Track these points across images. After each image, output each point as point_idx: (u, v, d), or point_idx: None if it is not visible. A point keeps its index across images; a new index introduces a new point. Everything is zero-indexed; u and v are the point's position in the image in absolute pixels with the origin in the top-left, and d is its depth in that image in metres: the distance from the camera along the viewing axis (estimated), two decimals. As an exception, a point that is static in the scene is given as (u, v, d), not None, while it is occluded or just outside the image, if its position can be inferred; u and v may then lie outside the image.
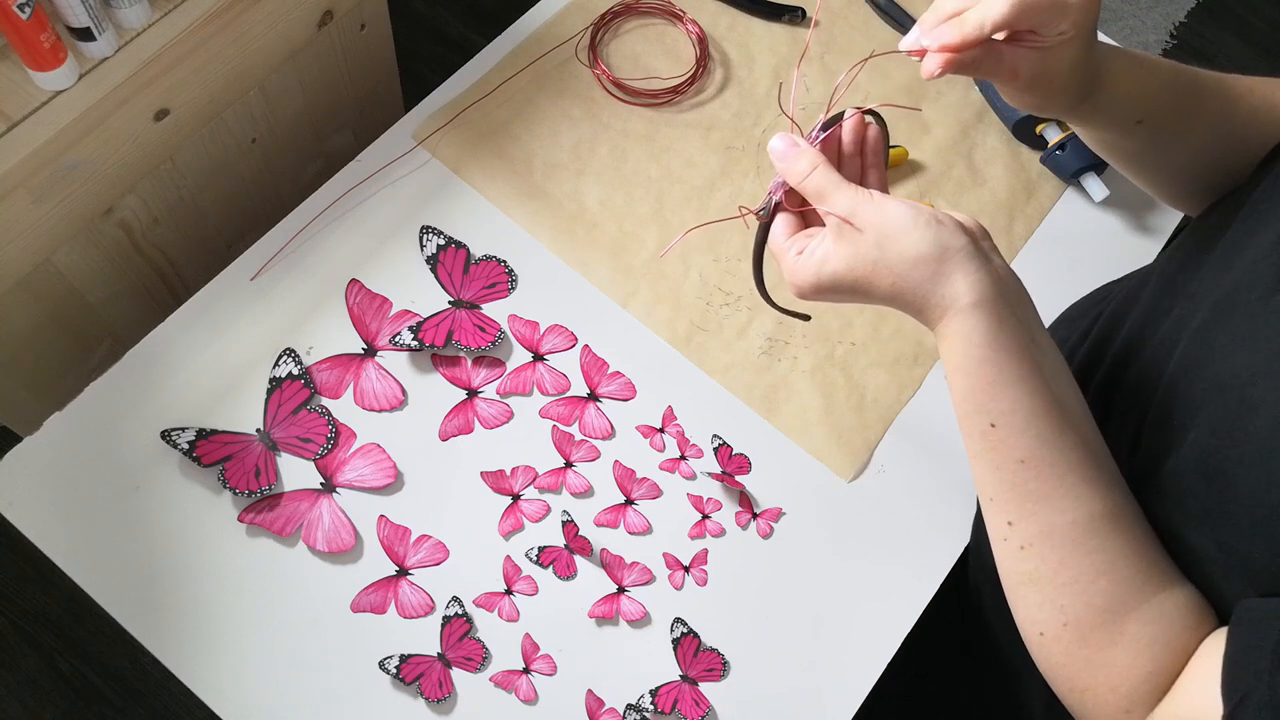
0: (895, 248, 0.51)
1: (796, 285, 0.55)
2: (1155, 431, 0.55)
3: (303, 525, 0.72)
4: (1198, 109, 0.61)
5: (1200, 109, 0.61)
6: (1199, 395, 0.51)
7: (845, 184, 0.52)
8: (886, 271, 0.51)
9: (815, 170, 0.53)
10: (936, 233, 0.50)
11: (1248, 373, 0.48)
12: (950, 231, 0.50)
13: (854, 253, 0.52)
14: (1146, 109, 0.60)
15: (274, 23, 0.89)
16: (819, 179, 0.53)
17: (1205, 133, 0.62)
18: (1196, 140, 0.62)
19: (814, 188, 0.53)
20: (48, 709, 1.29)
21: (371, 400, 0.76)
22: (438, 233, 0.82)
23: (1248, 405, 0.47)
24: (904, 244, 0.50)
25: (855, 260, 0.52)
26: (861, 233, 0.51)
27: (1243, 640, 0.45)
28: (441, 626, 0.71)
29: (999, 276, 0.51)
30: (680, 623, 0.73)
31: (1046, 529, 0.51)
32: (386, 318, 0.79)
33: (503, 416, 0.77)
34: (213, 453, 0.72)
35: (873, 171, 0.58)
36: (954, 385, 0.53)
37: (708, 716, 0.71)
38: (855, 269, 0.52)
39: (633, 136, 0.89)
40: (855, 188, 0.52)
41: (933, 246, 0.50)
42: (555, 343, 0.80)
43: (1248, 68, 2.19)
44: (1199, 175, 0.64)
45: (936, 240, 0.50)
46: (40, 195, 0.77)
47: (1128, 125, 0.61)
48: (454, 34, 1.78)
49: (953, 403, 0.53)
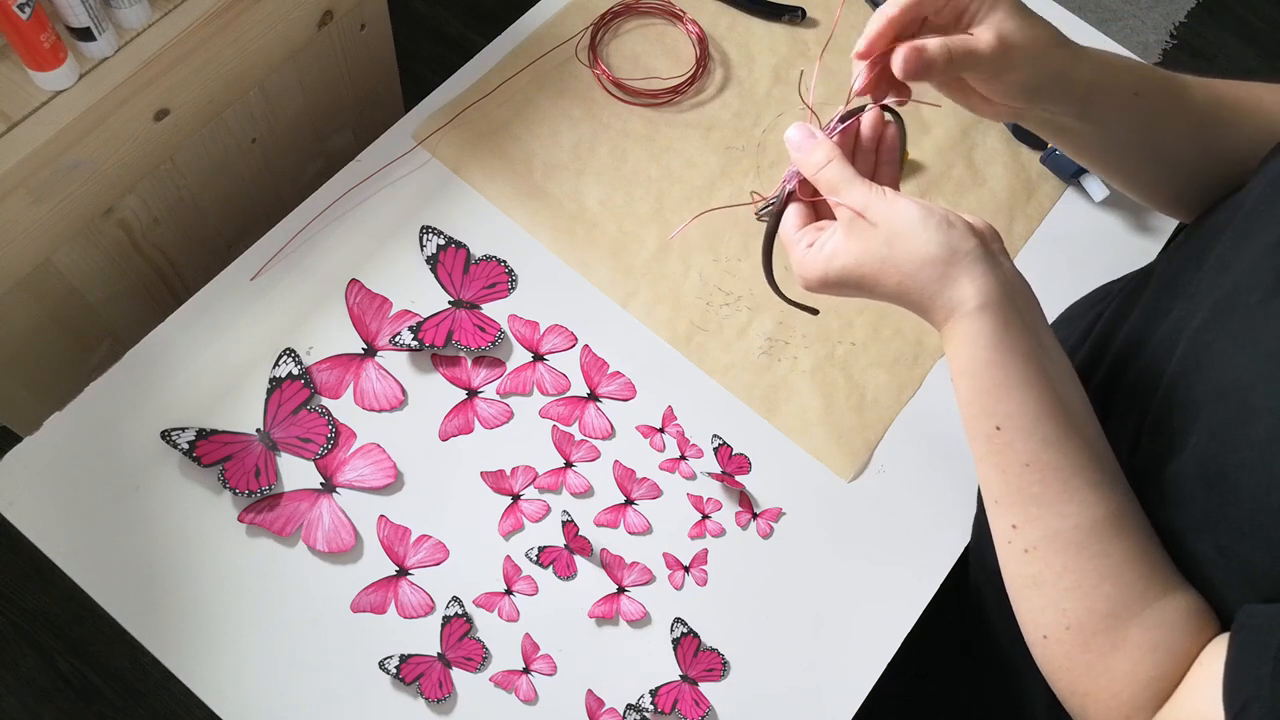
0: (904, 247, 0.51)
1: (804, 277, 0.55)
2: (1155, 434, 0.55)
3: (303, 525, 0.72)
4: (1178, 107, 0.60)
5: (1180, 107, 0.60)
6: (1199, 399, 0.51)
7: (859, 179, 0.52)
8: (894, 270, 0.51)
9: (830, 163, 0.53)
10: (946, 234, 0.50)
11: (1248, 378, 0.48)
12: (960, 234, 0.50)
13: (864, 249, 0.52)
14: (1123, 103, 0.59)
15: (274, 23, 0.89)
16: (833, 172, 0.53)
17: (1187, 134, 0.61)
18: (1178, 143, 0.62)
19: (828, 180, 0.53)
20: (48, 709, 1.29)
21: (371, 400, 0.76)
22: (438, 233, 0.82)
23: (1248, 411, 0.47)
24: (913, 244, 0.50)
25: (864, 256, 0.52)
26: (872, 229, 0.51)
27: (1244, 647, 0.45)
28: (441, 626, 0.71)
29: (1006, 280, 0.51)
30: (680, 623, 0.73)
31: (1050, 533, 0.51)
32: (386, 318, 0.79)
33: (503, 416, 0.77)
34: (213, 453, 0.72)
35: (886, 169, 0.58)
36: (959, 387, 0.53)
37: (708, 716, 0.71)
38: (864, 265, 0.52)
39: (633, 136, 0.89)
40: (869, 183, 0.52)
41: (941, 248, 0.50)
42: (555, 343, 0.80)
43: (1248, 68, 2.17)
44: (1185, 181, 0.64)
45: (946, 242, 0.50)
46: (40, 195, 0.77)
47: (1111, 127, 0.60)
48: (454, 34, 1.78)
49: (958, 404, 0.53)
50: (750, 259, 0.85)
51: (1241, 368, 0.49)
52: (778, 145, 0.90)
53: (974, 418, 0.52)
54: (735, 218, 0.86)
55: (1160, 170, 0.64)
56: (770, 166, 0.89)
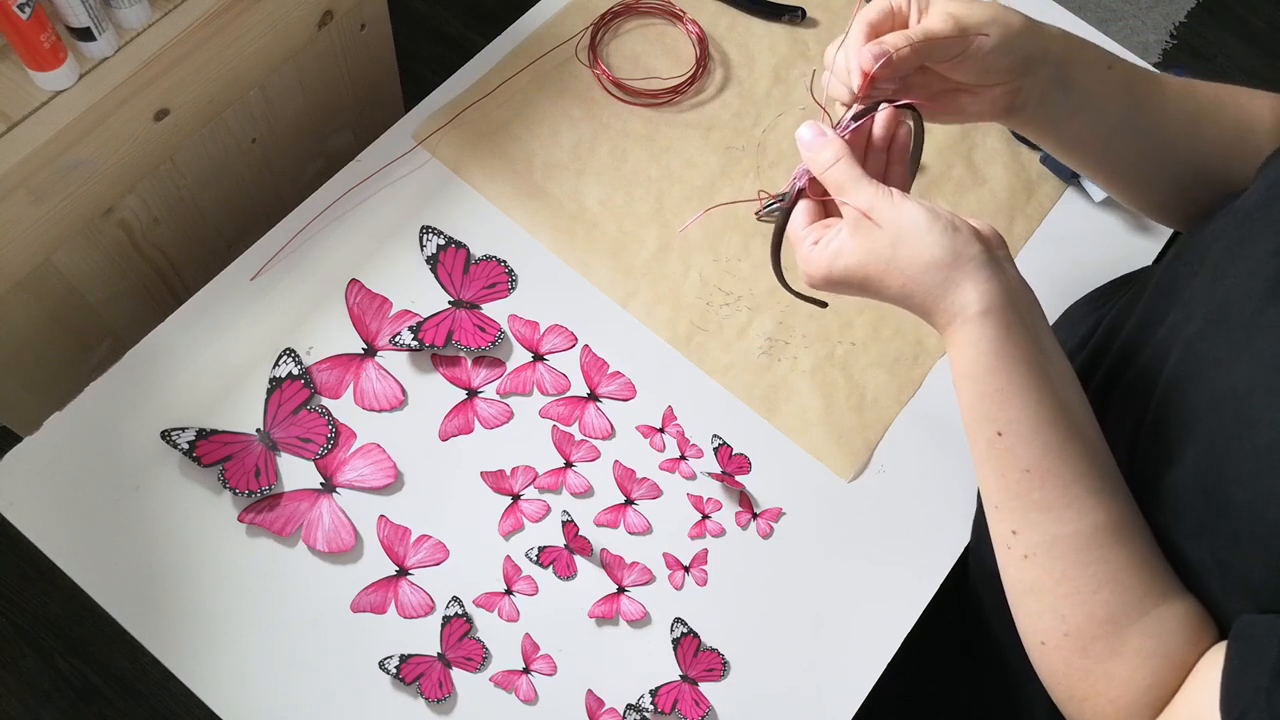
0: (909, 250, 0.51)
1: (809, 275, 0.55)
2: (1152, 441, 0.55)
3: (303, 525, 0.72)
4: (1155, 92, 0.60)
5: (1158, 93, 0.60)
6: (1197, 408, 0.51)
7: (866, 179, 0.52)
8: (898, 273, 0.51)
9: (839, 162, 0.53)
10: (951, 239, 0.50)
11: (1244, 387, 0.48)
12: (965, 239, 0.50)
13: (868, 250, 0.52)
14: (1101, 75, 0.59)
15: (274, 23, 0.89)
16: (841, 171, 0.53)
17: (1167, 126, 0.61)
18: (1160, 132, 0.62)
19: (835, 180, 0.53)
20: (48, 709, 1.29)
21: (371, 400, 0.76)
22: (438, 233, 0.82)
23: (1245, 422, 0.47)
24: (918, 247, 0.50)
25: (869, 257, 0.52)
26: (878, 230, 0.51)
27: (1242, 657, 0.45)
28: (441, 626, 0.71)
29: (1010, 285, 0.51)
30: (680, 623, 0.73)
31: (1050, 539, 0.51)
32: (386, 318, 0.79)
33: (503, 416, 0.77)
34: (213, 453, 0.72)
35: (896, 169, 0.58)
36: (961, 392, 0.53)
37: (707, 716, 0.71)
38: (867, 266, 0.52)
39: (633, 136, 0.89)
40: (876, 184, 0.52)
41: (946, 252, 0.50)
42: (555, 343, 0.80)
43: (1248, 68, 2.17)
44: (1172, 180, 0.64)
45: (951, 246, 0.50)
46: (40, 195, 0.77)
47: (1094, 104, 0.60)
48: (454, 34, 1.78)
49: (960, 409, 0.53)
50: (750, 259, 0.85)
51: (1238, 377, 0.49)
52: (778, 145, 0.90)
53: (975, 422, 0.52)
54: (736, 218, 0.86)
55: (1146, 164, 0.64)
56: (770, 166, 0.89)
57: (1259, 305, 0.50)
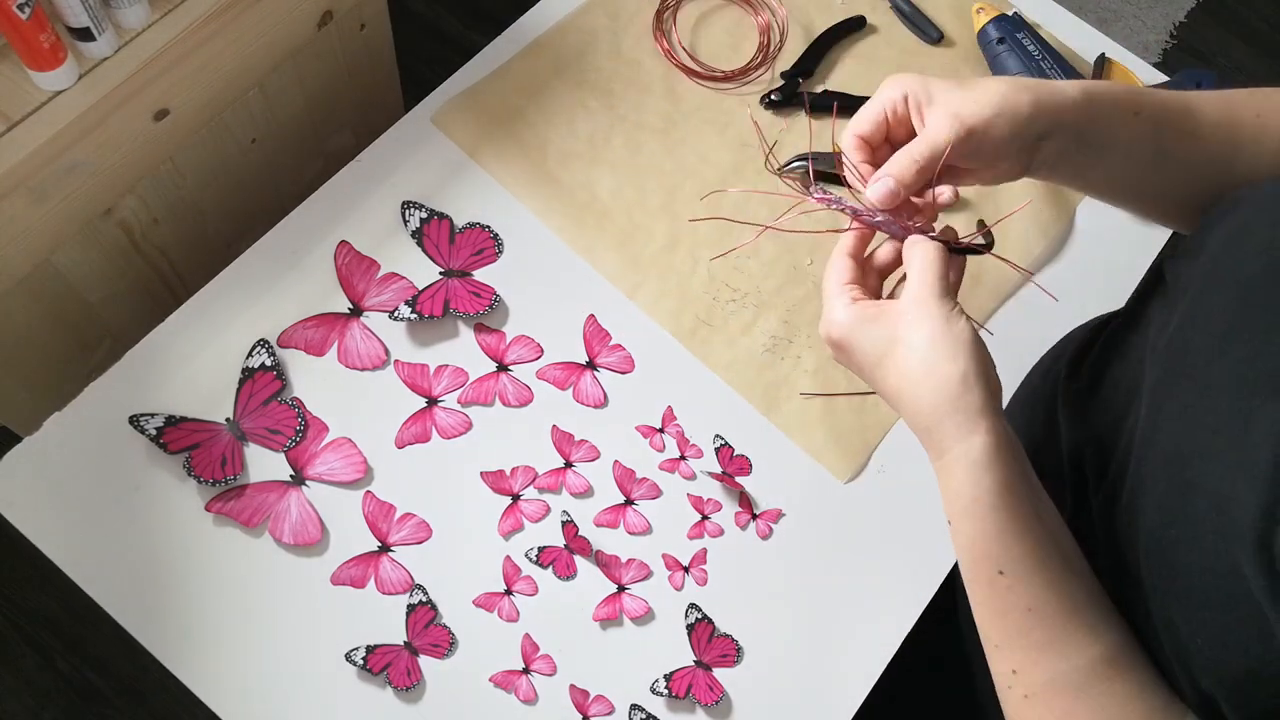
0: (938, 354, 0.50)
1: (826, 324, 0.54)
2: (1115, 493, 0.54)
3: (269, 517, 0.72)
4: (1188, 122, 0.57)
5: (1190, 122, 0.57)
6: (1150, 464, 0.51)
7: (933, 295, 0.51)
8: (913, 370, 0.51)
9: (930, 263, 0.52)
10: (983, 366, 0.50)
11: (1188, 451, 0.48)
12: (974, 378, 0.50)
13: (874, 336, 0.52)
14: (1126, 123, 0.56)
15: (274, 23, 0.89)
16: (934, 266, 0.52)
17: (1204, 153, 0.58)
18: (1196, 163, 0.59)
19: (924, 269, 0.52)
20: (48, 709, 1.29)
21: (355, 359, 0.77)
22: (420, 206, 0.82)
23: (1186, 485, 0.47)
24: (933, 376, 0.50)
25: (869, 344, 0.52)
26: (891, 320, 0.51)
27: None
28: (407, 615, 0.71)
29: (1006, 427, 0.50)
30: (695, 608, 0.73)
31: (1050, 677, 0.50)
32: (374, 279, 0.80)
33: (462, 426, 0.77)
34: (179, 440, 0.72)
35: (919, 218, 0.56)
36: (958, 529, 0.52)
37: (721, 702, 0.70)
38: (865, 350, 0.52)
39: (648, 129, 0.89)
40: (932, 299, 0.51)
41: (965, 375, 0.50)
42: (521, 353, 0.80)
43: (1248, 68, 2.16)
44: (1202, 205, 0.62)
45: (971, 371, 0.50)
46: (40, 195, 0.77)
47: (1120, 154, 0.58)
48: (454, 34, 1.78)
49: (955, 546, 0.52)
50: (759, 257, 0.85)
51: (1184, 437, 0.48)
52: (795, 145, 0.90)
53: (975, 561, 0.51)
54: (746, 215, 0.86)
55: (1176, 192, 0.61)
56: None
57: (1210, 357, 0.49)
